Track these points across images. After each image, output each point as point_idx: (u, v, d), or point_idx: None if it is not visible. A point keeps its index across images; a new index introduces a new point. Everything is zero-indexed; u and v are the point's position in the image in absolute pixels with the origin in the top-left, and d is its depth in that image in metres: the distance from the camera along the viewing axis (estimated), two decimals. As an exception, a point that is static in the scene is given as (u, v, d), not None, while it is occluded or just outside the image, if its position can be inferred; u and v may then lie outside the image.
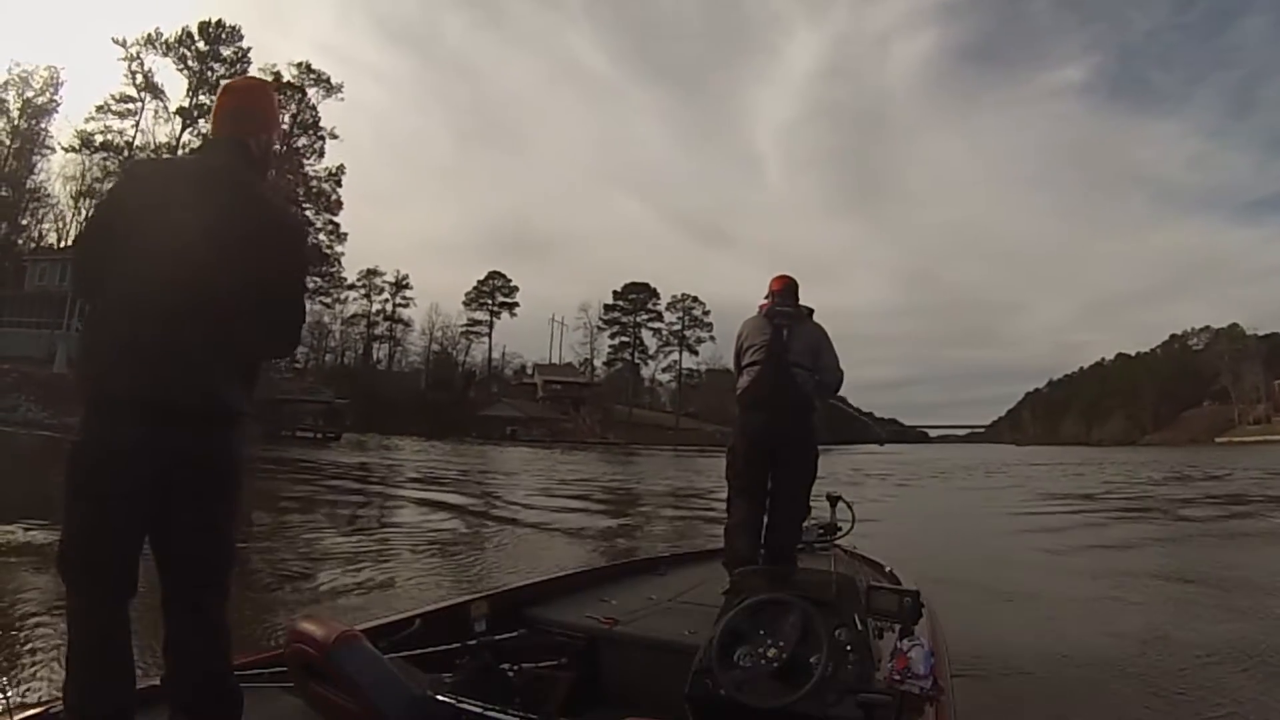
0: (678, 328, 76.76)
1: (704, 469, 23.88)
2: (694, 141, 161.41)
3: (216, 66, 46.06)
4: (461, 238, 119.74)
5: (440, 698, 1.60)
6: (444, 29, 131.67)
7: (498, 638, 2.15)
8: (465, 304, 71.31)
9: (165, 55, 46.06)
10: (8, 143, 43.09)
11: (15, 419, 25.80)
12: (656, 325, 76.59)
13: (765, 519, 3.51)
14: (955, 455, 48.25)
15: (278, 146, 1.89)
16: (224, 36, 47.47)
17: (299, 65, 48.58)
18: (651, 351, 76.96)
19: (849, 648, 1.87)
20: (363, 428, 42.85)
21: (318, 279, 51.03)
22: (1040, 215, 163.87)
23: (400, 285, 66.70)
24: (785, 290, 3.69)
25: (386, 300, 66.35)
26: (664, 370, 78.47)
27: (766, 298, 3.74)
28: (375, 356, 66.46)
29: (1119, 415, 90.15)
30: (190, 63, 46.43)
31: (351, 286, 61.64)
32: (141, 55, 45.50)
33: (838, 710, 1.75)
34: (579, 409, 65.13)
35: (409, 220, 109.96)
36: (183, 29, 46.54)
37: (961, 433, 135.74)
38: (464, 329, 70.51)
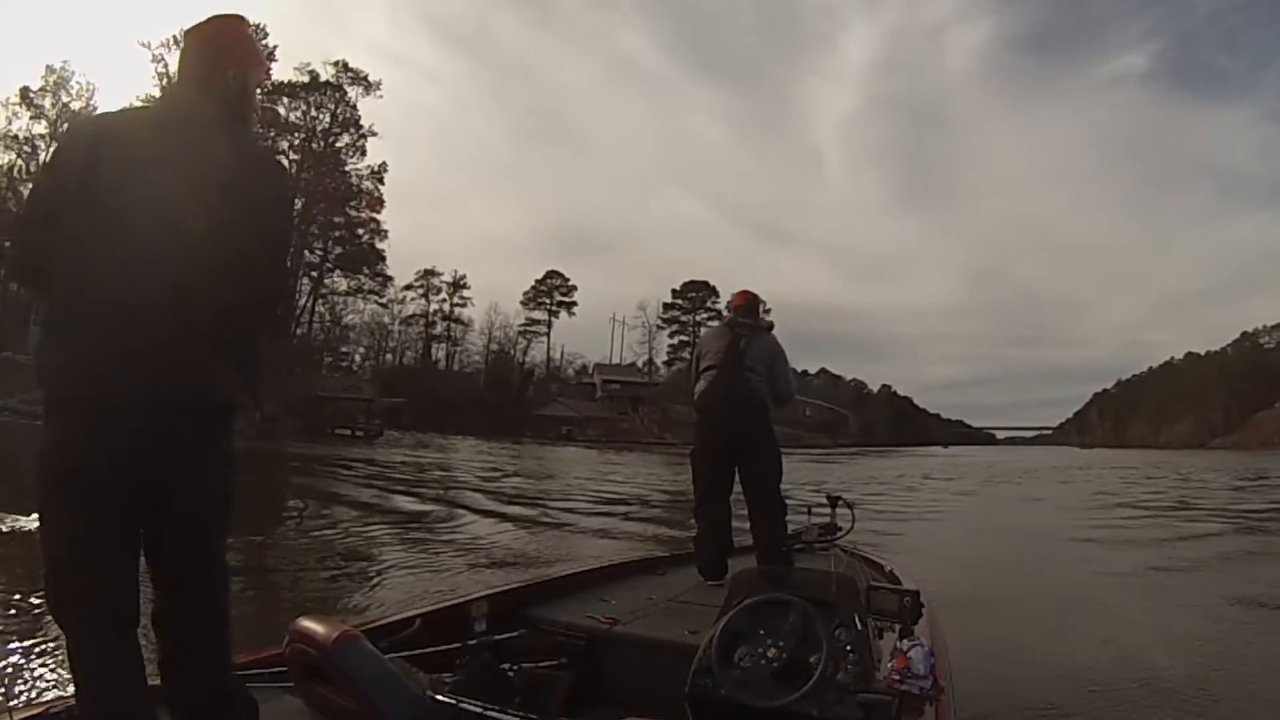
0: (738, 326, 75.45)
1: None
2: (752, 137, 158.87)
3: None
4: (521, 237, 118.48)
5: (440, 698, 1.58)
6: (495, 29, 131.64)
7: (498, 638, 2.12)
8: (523, 303, 70.00)
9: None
10: (45, 147, 43.18)
11: (35, 412, 26.03)
12: (716, 324, 74.44)
13: (750, 523, 3.56)
14: (1019, 458, 46.14)
15: (260, 87, 1.61)
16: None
17: (336, 64, 47.78)
18: (712, 351, 75.46)
19: (849, 648, 1.85)
20: (421, 427, 42.45)
21: (364, 277, 50.68)
22: (1106, 209, 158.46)
23: (458, 285, 65.76)
24: (746, 306, 3.88)
25: (444, 300, 65.58)
26: (726, 370, 77.08)
27: (727, 310, 3.95)
28: (434, 356, 65.62)
29: (1188, 417, 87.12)
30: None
31: (409, 286, 61.55)
32: (165, 57, 45.33)
33: (838, 710, 1.73)
34: (637, 409, 63.85)
35: (468, 220, 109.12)
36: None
37: (1029, 434, 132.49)
38: (522, 328, 69.35)
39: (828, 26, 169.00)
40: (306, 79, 45.39)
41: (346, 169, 46.32)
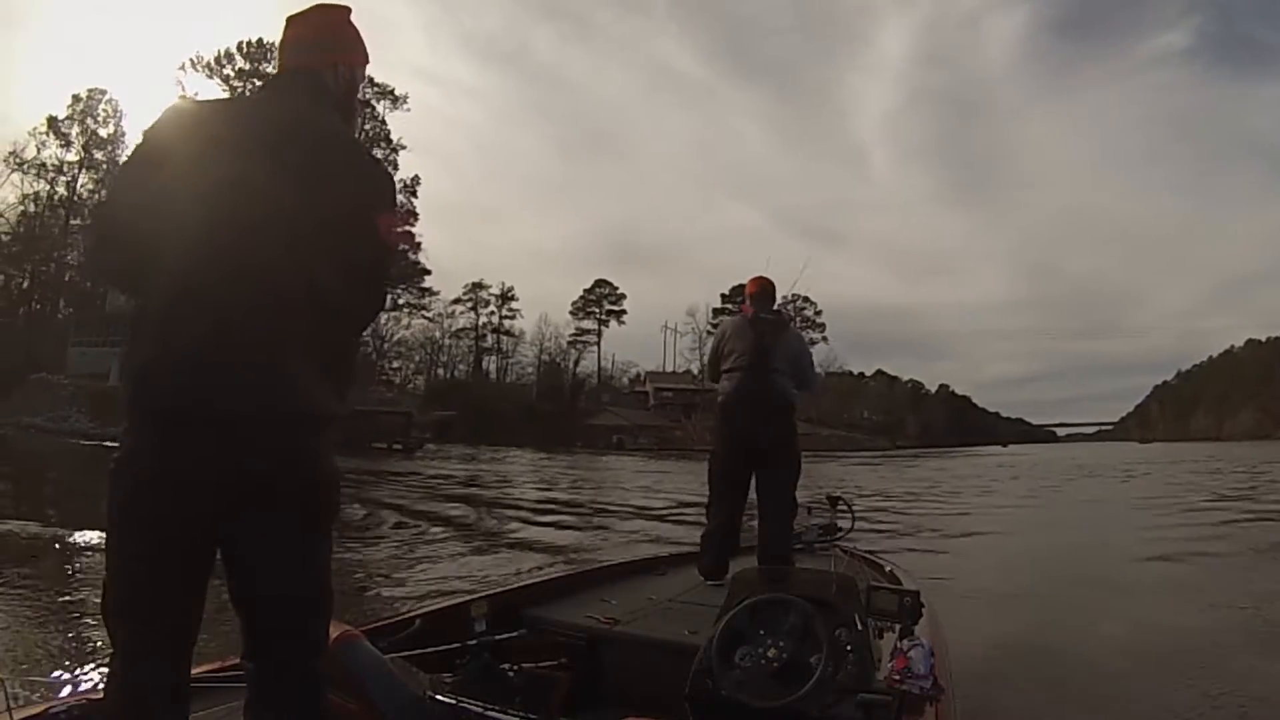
0: (789, 329, 73.33)
1: (816, 475, 22.52)
2: (795, 138, 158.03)
3: (259, 83, 45.58)
4: (570, 248, 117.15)
5: (440, 698, 1.56)
6: (532, 44, 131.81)
7: (498, 638, 2.09)
8: (572, 313, 68.50)
9: (210, 77, 46.01)
10: (79, 175, 43.70)
11: (65, 429, 26.68)
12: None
13: (758, 522, 3.48)
14: (1076, 457, 44.47)
15: (364, 86, 1.51)
16: (266, 54, 45.89)
17: None
18: (763, 355, 73.04)
19: (849, 648, 1.80)
20: (473, 440, 41.70)
21: (403, 291, 50.73)
22: (1157, 194, 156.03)
23: (506, 297, 64.57)
24: (764, 294, 3.72)
25: (493, 313, 64.60)
26: (777, 374, 74.64)
27: (741, 301, 3.77)
28: (485, 368, 64.19)
29: (1250, 407, 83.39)
30: (233, 82, 45.81)
31: (458, 300, 61.39)
32: (183, 80, 45.69)
33: (838, 710, 1.68)
34: (690, 416, 61.47)
35: (517, 233, 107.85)
36: (223, 49, 46.25)
37: (1090, 430, 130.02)
38: (572, 338, 67.85)
39: (863, 22, 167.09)
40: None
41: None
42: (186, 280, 1.18)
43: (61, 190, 43.15)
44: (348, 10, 1.43)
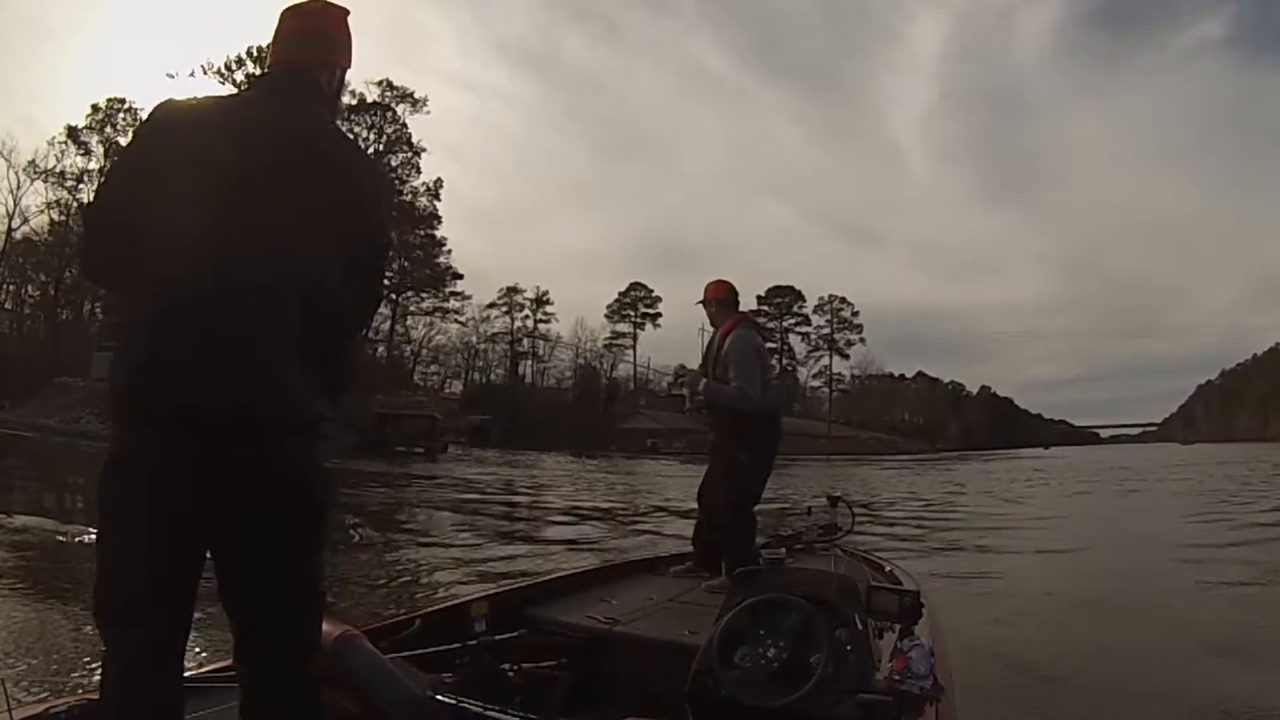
0: (826, 331, 71.30)
1: (856, 478, 22.05)
2: (829, 138, 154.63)
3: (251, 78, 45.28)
4: (606, 251, 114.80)
5: (440, 698, 1.54)
6: (564, 48, 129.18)
7: (498, 638, 2.07)
8: (607, 316, 67.73)
9: (223, 83, 45.50)
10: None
11: (75, 430, 26.87)
12: (804, 329, 71.25)
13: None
14: (1115, 459, 43.70)
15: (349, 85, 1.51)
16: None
17: (380, 83, 46.57)
18: (800, 356, 71.25)
19: (849, 648, 1.78)
20: (509, 444, 41.23)
21: (428, 295, 50.58)
22: (1199, 189, 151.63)
23: (540, 301, 63.53)
24: (736, 297, 3.55)
25: (527, 317, 63.60)
26: (815, 376, 72.31)
27: (701, 302, 3.56)
28: (521, 372, 63.31)
29: None
30: (243, 87, 45.51)
31: (492, 305, 60.94)
32: (194, 87, 45.28)
33: (838, 710, 1.67)
34: None
35: (552, 237, 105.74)
36: (234, 55, 44.81)
37: (1134, 432, 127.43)
38: (607, 341, 67.02)
39: (895, 18, 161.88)
40: (355, 102, 44.14)
41: (403, 188, 44.84)
42: (178, 281, 1.15)
43: (85, 198, 43.11)
44: (347, 11, 1.39)
